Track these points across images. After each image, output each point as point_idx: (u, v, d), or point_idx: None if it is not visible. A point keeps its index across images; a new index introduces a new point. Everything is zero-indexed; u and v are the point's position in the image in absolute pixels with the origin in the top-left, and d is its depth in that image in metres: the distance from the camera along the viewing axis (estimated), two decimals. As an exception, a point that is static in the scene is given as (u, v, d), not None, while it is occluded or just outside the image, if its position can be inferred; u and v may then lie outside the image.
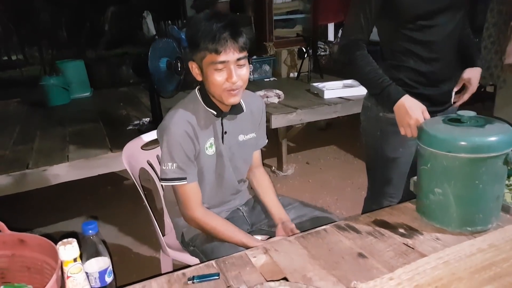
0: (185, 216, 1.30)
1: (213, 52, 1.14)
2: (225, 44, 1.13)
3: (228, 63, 1.16)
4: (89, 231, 0.80)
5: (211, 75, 1.18)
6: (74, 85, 3.52)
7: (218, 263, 1.00)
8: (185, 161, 1.23)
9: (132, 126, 2.46)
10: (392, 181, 1.57)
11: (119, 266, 2.20)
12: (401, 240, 1.05)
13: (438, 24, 1.34)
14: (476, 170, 1.00)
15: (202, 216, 1.27)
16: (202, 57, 1.17)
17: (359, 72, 1.41)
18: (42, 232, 2.57)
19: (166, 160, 1.23)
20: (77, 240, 0.79)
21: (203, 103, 1.28)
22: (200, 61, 1.19)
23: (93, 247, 0.81)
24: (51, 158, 2.06)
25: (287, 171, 3.33)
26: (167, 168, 1.23)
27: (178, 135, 1.21)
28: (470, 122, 1.05)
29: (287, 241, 1.08)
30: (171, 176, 1.24)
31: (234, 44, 1.15)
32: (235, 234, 1.26)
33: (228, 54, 1.14)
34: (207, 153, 1.29)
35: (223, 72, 1.17)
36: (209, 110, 1.28)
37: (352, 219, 1.16)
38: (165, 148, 1.23)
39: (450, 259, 0.95)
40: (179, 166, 1.23)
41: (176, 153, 1.22)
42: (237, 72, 1.18)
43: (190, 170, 1.25)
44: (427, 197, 1.09)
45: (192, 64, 1.23)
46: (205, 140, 1.28)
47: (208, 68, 1.18)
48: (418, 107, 1.30)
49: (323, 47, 4.20)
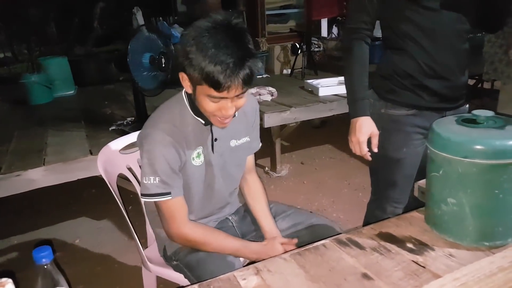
0: (170, 234, 1.16)
1: (212, 88, 0.97)
2: (230, 84, 0.96)
3: (226, 99, 1.01)
4: (42, 259, 0.66)
5: (203, 102, 1.03)
6: (58, 83, 3.36)
7: (201, 287, 0.87)
8: (169, 174, 1.09)
9: (115, 126, 2.31)
10: (396, 184, 1.46)
11: (101, 276, 2.09)
12: (410, 257, 0.93)
13: (440, 9, 1.23)
14: (496, 178, 0.88)
15: (189, 231, 1.14)
16: (198, 83, 1.00)
17: (348, 66, 1.36)
18: (18, 240, 2.42)
19: (147, 173, 1.08)
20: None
21: (190, 111, 1.13)
22: (194, 83, 1.02)
23: (48, 277, 0.68)
24: (26, 162, 1.91)
25: (281, 171, 3.21)
26: (149, 183, 1.08)
27: (162, 145, 1.07)
28: (488, 123, 0.93)
29: (281, 259, 0.95)
30: (154, 192, 1.09)
31: (240, 82, 0.97)
32: (227, 241, 1.15)
33: (229, 93, 0.98)
34: (193, 163, 1.15)
35: (218, 103, 1.02)
36: (197, 118, 1.14)
37: (354, 232, 1.04)
38: (145, 160, 1.08)
39: (468, 280, 0.83)
40: (163, 180, 1.08)
41: (158, 165, 1.07)
42: (234, 103, 1.03)
43: (174, 184, 1.11)
44: (438, 207, 0.97)
45: (183, 75, 1.04)
46: (192, 150, 1.14)
47: (201, 94, 1.02)
48: (368, 130, 1.33)
49: (317, 43, 4.09)
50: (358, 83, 1.35)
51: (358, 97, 1.34)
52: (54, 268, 0.68)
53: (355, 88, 1.35)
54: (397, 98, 1.36)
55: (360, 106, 1.34)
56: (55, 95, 3.32)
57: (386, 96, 1.39)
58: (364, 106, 1.34)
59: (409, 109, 1.36)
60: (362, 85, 1.34)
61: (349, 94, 1.37)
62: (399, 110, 1.37)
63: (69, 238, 2.42)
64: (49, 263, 0.67)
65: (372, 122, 1.34)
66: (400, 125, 1.36)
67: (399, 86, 1.35)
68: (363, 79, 1.34)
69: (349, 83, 1.37)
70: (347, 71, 1.38)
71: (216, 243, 1.15)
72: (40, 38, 6.72)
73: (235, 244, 1.16)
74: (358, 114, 1.34)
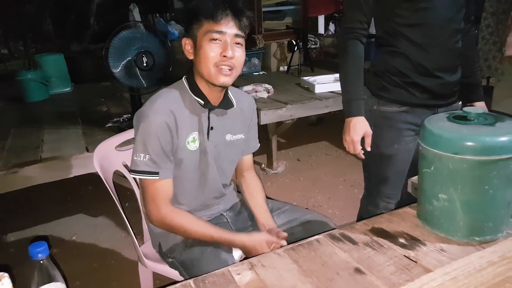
0: (150, 216, 1.16)
1: (211, 21, 1.08)
2: (226, 16, 1.08)
3: (225, 35, 1.08)
4: (39, 254, 0.67)
5: (205, 46, 1.09)
6: (54, 80, 3.37)
7: (196, 282, 0.88)
8: (160, 154, 1.11)
9: (111, 123, 2.32)
10: (388, 180, 1.47)
11: (98, 273, 2.10)
12: (402, 252, 0.94)
13: (432, 7, 1.24)
14: (486, 174, 0.89)
15: (169, 214, 1.14)
16: (199, 28, 1.10)
17: (343, 66, 1.38)
18: (16, 237, 2.42)
19: (139, 150, 1.11)
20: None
21: (189, 91, 1.17)
22: (196, 33, 1.11)
23: (44, 273, 0.69)
24: (22, 159, 1.91)
25: (278, 168, 3.22)
26: (139, 159, 1.11)
27: (157, 124, 1.09)
28: (478, 119, 0.94)
29: (276, 254, 0.96)
30: (142, 169, 1.11)
31: (235, 19, 1.10)
32: (207, 230, 1.14)
33: (227, 25, 1.09)
34: (188, 147, 1.17)
35: (218, 45, 1.09)
36: (196, 98, 1.16)
37: (348, 227, 1.05)
38: (139, 137, 1.11)
39: (459, 274, 0.85)
40: (152, 159, 1.11)
41: (150, 144, 1.10)
42: (233, 49, 1.10)
43: (164, 165, 1.13)
44: (430, 203, 0.99)
45: (186, 41, 1.15)
46: (188, 133, 1.16)
47: (203, 39, 1.09)
48: (361, 130, 1.34)
49: (313, 40, 4.10)
50: (352, 83, 1.36)
51: (352, 97, 1.35)
52: (50, 263, 0.69)
53: (349, 88, 1.36)
54: (389, 95, 1.37)
55: (354, 106, 1.35)
56: (52, 92, 3.32)
57: (378, 93, 1.40)
58: (358, 106, 1.35)
59: (401, 106, 1.37)
60: (357, 85, 1.35)
61: (344, 93, 1.38)
62: (391, 107, 1.38)
63: (66, 235, 2.43)
64: (45, 258, 0.68)
65: (365, 121, 1.36)
66: (392, 121, 1.38)
67: (391, 83, 1.36)
68: (358, 79, 1.35)
69: (344, 83, 1.38)
70: (342, 71, 1.39)
71: (196, 231, 1.14)
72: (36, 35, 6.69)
73: (214, 235, 1.14)
74: (352, 114, 1.35)
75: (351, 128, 1.35)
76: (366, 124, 1.36)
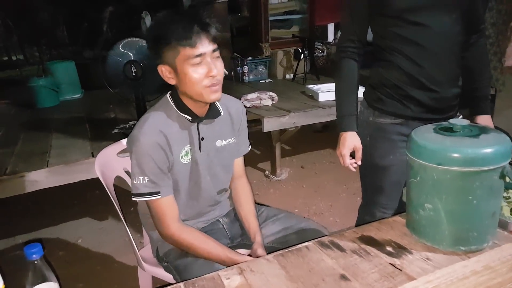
0: (161, 233, 1.21)
1: (187, 46, 1.08)
2: (199, 36, 1.08)
3: (205, 55, 1.10)
4: (33, 255, 0.71)
5: (188, 73, 1.10)
6: (64, 87, 3.45)
7: (186, 285, 0.91)
8: (157, 173, 1.14)
9: (117, 129, 2.38)
10: (383, 190, 1.49)
11: (101, 275, 2.14)
12: (388, 260, 0.96)
13: (425, 23, 1.25)
14: (470, 185, 0.91)
15: (178, 232, 1.18)
16: (175, 56, 1.10)
17: (337, 83, 1.44)
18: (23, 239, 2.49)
19: (137, 173, 1.14)
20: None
21: (175, 109, 1.19)
22: (173, 60, 1.11)
23: (38, 273, 0.73)
24: (30, 163, 1.98)
25: (281, 175, 3.25)
26: (138, 183, 1.14)
27: (148, 146, 1.12)
28: (463, 131, 0.96)
29: (265, 260, 0.99)
30: (143, 191, 1.15)
31: (207, 35, 1.10)
32: (215, 249, 1.17)
33: (203, 45, 1.09)
34: (182, 161, 1.21)
35: (201, 67, 1.10)
36: (183, 115, 1.19)
37: (337, 235, 1.08)
38: (134, 161, 1.14)
39: (441, 283, 0.86)
40: (151, 180, 1.14)
41: (146, 165, 1.13)
42: (216, 64, 1.12)
43: (163, 183, 1.16)
44: (417, 213, 1.01)
45: (162, 68, 1.15)
46: (180, 149, 1.19)
47: (183, 66, 1.10)
48: (350, 144, 1.38)
49: (320, 48, 4.12)
50: (345, 100, 1.41)
51: (344, 113, 1.40)
52: (44, 264, 0.73)
53: (342, 105, 1.42)
54: (384, 107, 1.39)
55: (346, 121, 1.39)
56: (62, 99, 3.40)
57: (374, 105, 1.42)
58: (349, 121, 1.39)
59: (396, 118, 1.38)
60: (349, 101, 1.40)
61: (337, 109, 1.43)
62: (385, 118, 1.39)
63: (71, 238, 2.49)
64: (39, 259, 0.72)
65: (356, 136, 1.39)
66: (387, 133, 1.39)
67: (386, 95, 1.38)
68: (351, 96, 1.40)
69: (337, 100, 1.44)
70: (336, 88, 1.44)
71: (203, 250, 1.17)
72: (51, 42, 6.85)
73: (221, 255, 1.17)
74: (344, 129, 1.39)
75: (341, 142, 1.40)
76: (357, 139, 1.39)
